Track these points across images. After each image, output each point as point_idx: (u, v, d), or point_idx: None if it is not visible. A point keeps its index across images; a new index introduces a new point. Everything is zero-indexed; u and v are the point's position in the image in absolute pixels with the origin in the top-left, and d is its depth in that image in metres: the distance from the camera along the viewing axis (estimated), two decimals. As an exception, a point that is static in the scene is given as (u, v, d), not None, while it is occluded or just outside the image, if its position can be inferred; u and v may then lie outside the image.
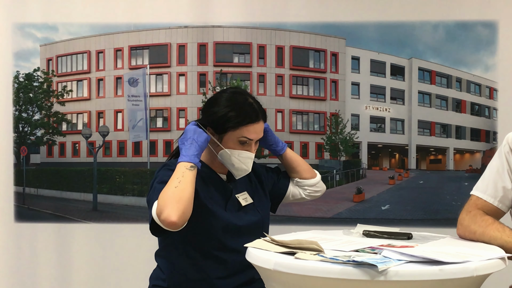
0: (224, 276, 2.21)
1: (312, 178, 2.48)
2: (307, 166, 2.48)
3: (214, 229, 2.17)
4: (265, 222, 2.34)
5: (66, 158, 4.14)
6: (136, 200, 4.06)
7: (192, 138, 2.13)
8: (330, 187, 4.13)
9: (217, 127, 2.21)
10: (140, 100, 4.11)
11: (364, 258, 1.60)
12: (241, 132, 2.18)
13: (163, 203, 1.97)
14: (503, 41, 3.87)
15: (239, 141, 2.19)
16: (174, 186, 2.00)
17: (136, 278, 3.13)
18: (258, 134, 2.22)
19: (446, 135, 4.17)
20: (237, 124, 2.18)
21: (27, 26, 4.01)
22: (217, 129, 2.21)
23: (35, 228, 3.98)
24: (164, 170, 2.18)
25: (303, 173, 2.46)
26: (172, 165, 2.15)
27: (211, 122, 2.22)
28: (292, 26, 4.03)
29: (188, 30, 4.05)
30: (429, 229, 2.68)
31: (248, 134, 2.19)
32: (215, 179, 2.28)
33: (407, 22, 3.94)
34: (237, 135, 2.19)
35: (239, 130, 2.18)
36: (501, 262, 1.69)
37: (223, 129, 2.19)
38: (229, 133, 2.19)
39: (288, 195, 2.47)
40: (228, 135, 2.19)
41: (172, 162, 2.20)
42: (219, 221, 2.17)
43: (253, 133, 2.20)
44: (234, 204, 2.27)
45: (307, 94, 4.13)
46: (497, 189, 2.06)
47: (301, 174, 2.46)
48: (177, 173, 2.05)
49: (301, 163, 2.47)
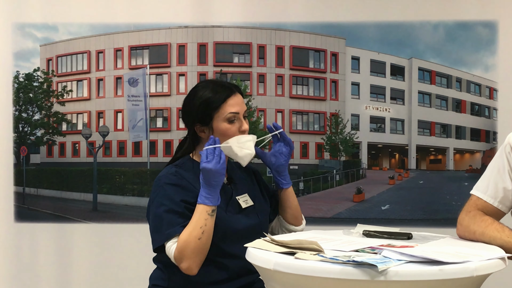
0: (225, 279, 2.21)
1: (296, 226, 2.41)
2: (298, 212, 2.40)
3: (214, 236, 2.16)
4: (264, 226, 2.32)
5: (66, 158, 4.14)
6: (136, 200, 4.06)
7: (219, 180, 2.09)
8: (330, 187, 4.13)
9: (202, 117, 2.20)
10: (140, 100, 4.11)
11: (364, 258, 1.60)
12: (225, 109, 2.18)
13: (185, 253, 2.05)
14: (503, 41, 3.87)
15: (227, 120, 2.18)
16: (198, 238, 2.05)
17: (136, 278, 3.13)
18: (241, 106, 2.22)
19: (446, 135, 4.17)
20: (218, 103, 2.18)
21: (27, 26, 4.01)
22: (204, 120, 2.20)
23: (35, 228, 3.98)
24: (167, 187, 2.15)
25: (290, 218, 2.39)
26: (173, 177, 2.15)
27: (195, 117, 2.21)
28: (292, 26, 4.03)
29: (188, 30, 4.05)
30: (429, 229, 2.68)
31: (232, 108, 2.19)
32: None
33: (407, 22, 3.94)
34: (223, 113, 2.18)
35: (222, 108, 2.18)
36: (501, 262, 1.69)
37: (209, 116, 2.19)
38: (215, 117, 2.19)
39: (270, 225, 2.42)
40: (215, 119, 2.19)
41: (172, 173, 2.18)
42: (218, 227, 2.16)
43: (236, 105, 2.20)
44: (234, 206, 2.26)
45: (307, 94, 4.13)
46: (498, 189, 2.06)
47: (287, 218, 2.39)
48: (200, 220, 2.07)
49: (295, 208, 2.39)
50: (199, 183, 2.13)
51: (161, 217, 2.11)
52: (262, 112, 4.11)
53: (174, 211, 2.10)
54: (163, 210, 2.11)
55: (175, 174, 2.18)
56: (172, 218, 2.09)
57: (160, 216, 2.12)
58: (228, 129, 2.19)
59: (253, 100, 4.09)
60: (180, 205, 2.11)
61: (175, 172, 2.18)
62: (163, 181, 2.17)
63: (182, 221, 2.09)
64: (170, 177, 2.17)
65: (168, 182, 2.15)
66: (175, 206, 2.11)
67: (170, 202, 2.12)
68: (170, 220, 2.09)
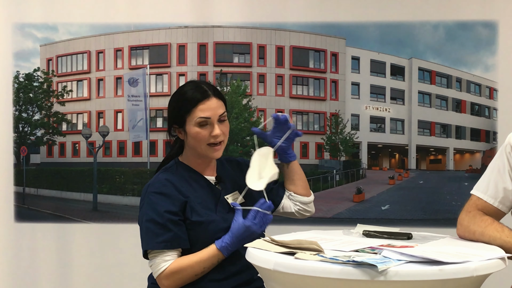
0: (222, 278, 2.21)
1: (307, 196, 2.44)
2: (306, 184, 2.45)
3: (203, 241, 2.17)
4: None
5: (66, 158, 4.14)
6: (136, 200, 4.06)
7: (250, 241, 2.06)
8: (330, 187, 4.13)
9: (177, 120, 2.22)
10: (140, 100, 4.11)
11: (364, 258, 1.60)
12: (196, 113, 2.18)
13: (175, 278, 2.13)
14: (503, 41, 3.87)
15: (198, 124, 2.19)
16: (195, 274, 2.15)
17: (136, 278, 3.13)
18: (213, 111, 2.20)
19: (446, 135, 4.17)
20: (189, 107, 2.19)
21: (27, 26, 4.01)
22: (179, 122, 2.22)
23: (35, 228, 3.98)
24: (152, 196, 2.18)
25: (300, 189, 2.42)
26: (160, 185, 2.18)
27: (173, 120, 2.24)
28: (292, 26, 4.03)
29: (188, 30, 4.05)
30: (429, 229, 2.68)
31: (202, 113, 2.18)
32: (202, 183, 2.27)
33: (407, 22, 3.94)
34: (193, 118, 2.19)
35: (193, 112, 2.19)
36: (501, 262, 1.69)
37: (182, 119, 2.21)
38: (187, 121, 2.20)
39: (280, 205, 2.43)
40: (187, 123, 2.20)
41: (159, 180, 2.20)
42: (211, 230, 2.17)
43: (206, 110, 2.19)
44: (224, 206, 2.26)
45: (307, 94, 4.13)
46: (498, 190, 2.06)
47: (298, 189, 2.42)
48: (208, 261, 2.15)
49: (303, 178, 2.44)
50: (186, 187, 2.18)
51: (144, 226, 2.17)
52: (262, 112, 4.11)
53: (155, 222, 2.14)
54: (146, 219, 2.17)
55: (163, 182, 2.19)
56: (153, 229, 2.14)
57: (144, 225, 2.18)
58: (199, 133, 2.20)
59: (253, 100, 4.09)
60: (164, 216, 2.14)
61: (164, 180, 2.20)
62: (150, 190, 2.20)
63: (163, 233, 2.13)
64: (157, 185, 2.20)
65: (154, 190, 2.18)
66: (158, 217, 2.14)
67: (153, 213, 2.15)
68: (152, 231, 2.14)
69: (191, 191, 2.21)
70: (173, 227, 2.14)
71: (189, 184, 2.22)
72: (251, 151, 4.09)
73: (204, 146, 2.21)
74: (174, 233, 2.14)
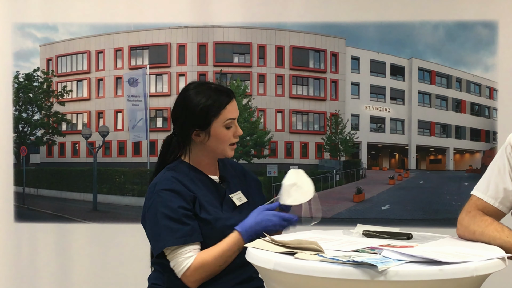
0: (222, 275, 2.21)
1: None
2: None
3: (211, 238, 2.17)
4: None
5: (66, 158, 4.14)
6: (136, 200, 4.06)
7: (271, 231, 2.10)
8: (330, 187, 4.13)
9: (200, 123, 2.20)
10: (140, 100, 4.11)
11: (364, 258, 1.60)
12: (224, 115, 2.20)
13: (202, 274, 2.11)
14: (503, 41, 3.87)
15: (225, 126, 2.20)
16: (219, 265, 2.13)
17: (135, 278, 3.12)
18: (237, 111, 2.25)
19: (446, 135, 4.17)
20: (218, 109, 2.19)
21: (27, 26, 4.01)
22: (202, 126, 2.20)
23: (35, 228, 3.98)
24: (163, 194, 2.15)
25: None
26: (169, 182, 2.16)
27: (195, 123, 2.21)
28: (292, 26, 4.03)
29: (188, 30, 4.05)
30: (429, 229, 2.68)
31: (231, 114, 2.21)
32: (207, 182, 2.28)
33: (407, 22, 3.94)
34: (222, 120, 2.20)
35: (221, 115, 2.19)
36: (501, 262, 1.69)
37: (208, 122, 2.19)
38: (214, 123, 2.19)
39: None
40: (214, 125, 2.20)
41: (167, 178, 2.18)
42: (216, 227, 2.17)
43: (233, 111, 2.22)
44: (229, 205, 2.27)
45: (307, 94, 4.13)
46: (498, 190, 2.05)
47: None
48: (229, 250, 2.13)
49: None
50: (194, 186, 2.17)
51: (159, 224, 2.12)
52: (262, 112, 4.11)
53: (171, 218, 2.11)
54: (161, 217, 2.12)
55: (171, 180, 2.18)
56: (170, 225, 2.10)
57: (158, 223, 2.12)
58: (225, 134, 2.22)
59: (253, 100, 4.09)
60: (178, 211, 2.12)
61: (171, 178, 2.19)
62: (159, 187, 2.17)
63: (180, 228, 2.10)
64: (165, 182, 2.18)
65: (164, 188, 2.15)
66: (173, 213, 2.11)
67: (167, 209, 2.12)
68: (169, 227, 2.10)
69: (197, 189, 2.21)
70: (189, 221, 2.12)
71: (195, 183, 2.22)
72: (251, 151, 4.10)
73: (226, 146, 2.24)
74: (192, 226, 2.12)
